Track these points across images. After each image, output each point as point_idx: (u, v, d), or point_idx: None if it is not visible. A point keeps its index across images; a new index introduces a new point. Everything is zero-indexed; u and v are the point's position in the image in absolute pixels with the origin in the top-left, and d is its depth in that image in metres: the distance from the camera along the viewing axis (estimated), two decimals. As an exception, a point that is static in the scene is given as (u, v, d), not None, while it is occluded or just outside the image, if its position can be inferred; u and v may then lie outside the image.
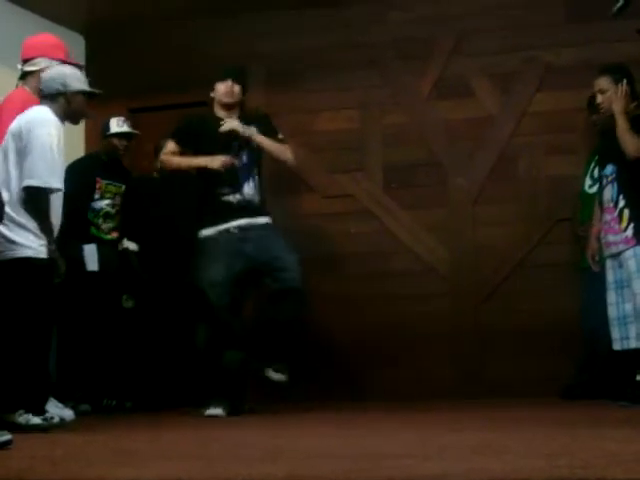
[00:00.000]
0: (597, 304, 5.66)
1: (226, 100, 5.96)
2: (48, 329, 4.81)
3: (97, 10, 7.31)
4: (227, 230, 5.76)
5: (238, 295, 5.76)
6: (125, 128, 6.69)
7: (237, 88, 5.97)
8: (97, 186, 6.57)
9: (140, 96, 7.53)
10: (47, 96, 4.90)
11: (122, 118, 6.73)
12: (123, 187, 6.71)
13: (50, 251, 4.70)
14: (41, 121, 4.76)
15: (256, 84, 7.22)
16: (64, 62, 5.55)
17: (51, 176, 4.70)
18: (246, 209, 5.82)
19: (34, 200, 4.68)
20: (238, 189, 5.81)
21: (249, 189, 5.84)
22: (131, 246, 6.72)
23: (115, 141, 6.66)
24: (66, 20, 7.32)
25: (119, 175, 6.72)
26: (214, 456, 3.21)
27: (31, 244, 4.66)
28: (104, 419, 5.72)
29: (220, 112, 6.00)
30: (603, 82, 5.53)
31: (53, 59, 5.48)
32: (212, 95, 6.05)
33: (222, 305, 5.64)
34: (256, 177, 5.91)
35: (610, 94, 5.50)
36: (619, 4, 5.16)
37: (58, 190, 4.77)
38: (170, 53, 7.53)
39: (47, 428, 4.45)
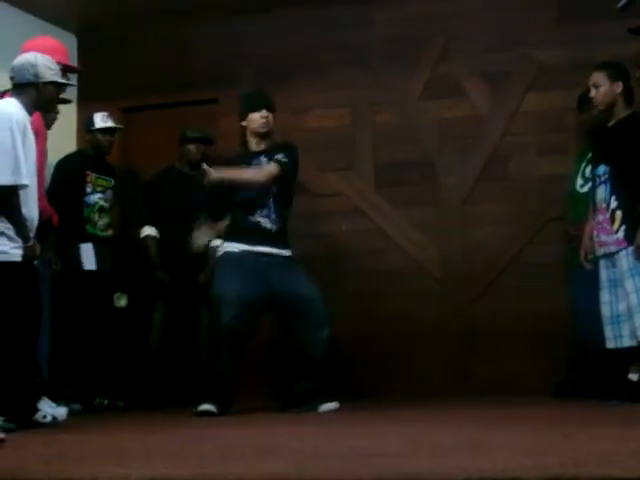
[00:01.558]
0: (588, 303, 5.68)
1: (263, 130, 5.92)
2: (29, 333, 4.72)
3: (89, 10, 7.30)
4: (252, 252, 5.70)
5: (249, 322, 5.62)
6: (109, 123, 6.71)
7: (271, 117, 5.94)
8: (87, 179, 6.57)
9: (132, 95, 7.53)
10: (17, 85, 4.81)
11: (106, 113, 6.74)
12: (113, 181, 6.73)
13: (27, 250, 4.63)
14: (1, 116, 4.64)
15: (245, 84, 7.23)
16: (64, 66, 5.55)
17: (16, 173, 4.57)
18: (270, 236, 5.77)
19: (2, 199, 4.59)
20: (252, 214, 5.77)
21: (264, 215, 5.79)
22: (152, 232, 6.71)
23: (99, 136, 6.68)
24: (59, 19, 7.32)
25: (107, 170, 6.74)
26: (206, 455, 3.22)
27: (2, 248, 4.58)
28: (96, 418, 5.72)
29: (253, 141, 5.94)
30: (598, 77, 5.55)
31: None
32: (244, 124, 5.96)
33: (228, 326, 5.48)
34: (282, 207, 5.88)
35: (605, 89, 5.52)
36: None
37: (24, 186, 4.62)
38: (161, 53, 7.55)
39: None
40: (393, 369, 6.83)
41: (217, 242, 6.12)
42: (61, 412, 5.23)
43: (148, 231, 6.75)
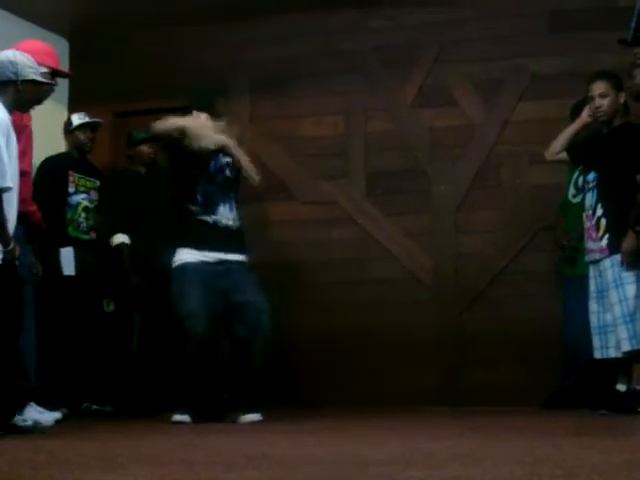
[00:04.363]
0: (579, 312, 5.69)
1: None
2: (11, 335, 4.67)
3: (81, 14, 7.29)
4: (208, 262, 5.63)
5: (214, 331, 5.64)
6: (86, 119, 6.67)
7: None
8: (70, 179, 6.54)
9: (124, 100, 7.51)
10: None
11: (82, 113, 6.71)
12: (97, 183, 6.70)
13: (8, 254, 4.57)
14: None
15: (240, 91, 7.23)
16: (54, 70, 5.53)
17: (0, 176, 4.50)
18: (230, 236, 5.71)
19: None
20: (212, 210, 5.70)
21: (225, 212, 5.74)
22: (123, 239, 6.68)
23: (80, 135, 6.64)
24: (50, 23, 7.30)
25: (91, 170, 6.71)
26: (195, 461, 3.20)
27: None
28: (85, 424, 5.70)
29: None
30: (604, 86, 5.56)
31: (42, 65, 5.46)
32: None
33: (197, 338, 5.49)
34: (233, 202, 5.80)
35: (611, 99, 5.53)
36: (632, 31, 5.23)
37: (8, 189, 4.54)
38: (154, 58, 7.52)
39: None
40: (384, 378, 6.82)
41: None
42: (48, 418, 5.22)
43: (121, 239, 6.69)
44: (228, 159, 5.82)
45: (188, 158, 5.70)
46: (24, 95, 4.79)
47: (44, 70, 5.25)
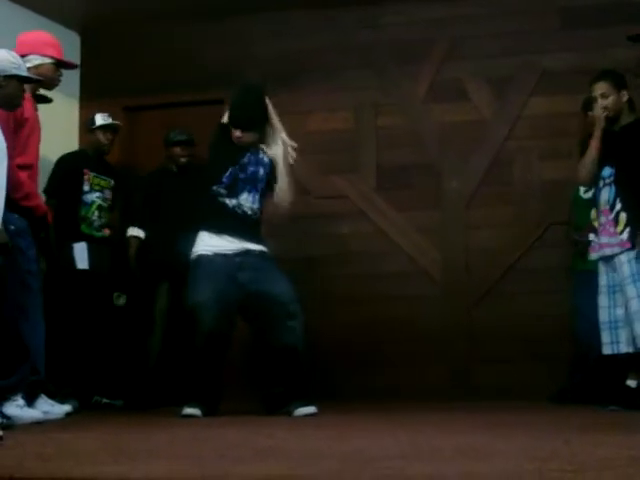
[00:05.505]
0: (589, 308, 5.68)
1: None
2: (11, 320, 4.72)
3: (93, 9, 7.31)
4: (225, 254, 5.57)
5: (227, 324, 5.53)
6: (110, 121, 6.71)
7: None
8: (85, 177, 6.56)
9: (135, 95, 7.53)
10: None
11: (106, 113, 6.75)
12: (112, 182, 6.73)
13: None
14: None
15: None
16: (57, 60, 5.55)
17: None
18: (248, 224, 5.67)
19: None
20: (235, 195, 5.65)
21: (247, 200, 5.68)
22: (135, 232, 6.73)
23: (100, 135, 6.68)
24: (62, 18, 7.31)
25: (106, 170, 6.74)
26: (205, 455, 3.21)
27: None
28: (95, 417, 5.71)
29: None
30: (605, 87, 5.55)
31: (45, 56, 5.48)
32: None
33: (205, 330, 5.41)
34: (258, 195, 5.72)
35: (614, 98, 5.52)
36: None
37: None
38: (165, 53, 7.53)
39: None
40: (394, 372, 6.82)
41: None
42: (59, 410, 5.23)
43: (135, 232, 6.76)
44: (267, 160, 5.76)
45: (229, 142, 5.70)
46: (7, 91, 4.78)
47: (35, 64, 5.27)
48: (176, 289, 6.59)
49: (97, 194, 6.62)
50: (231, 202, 5.64)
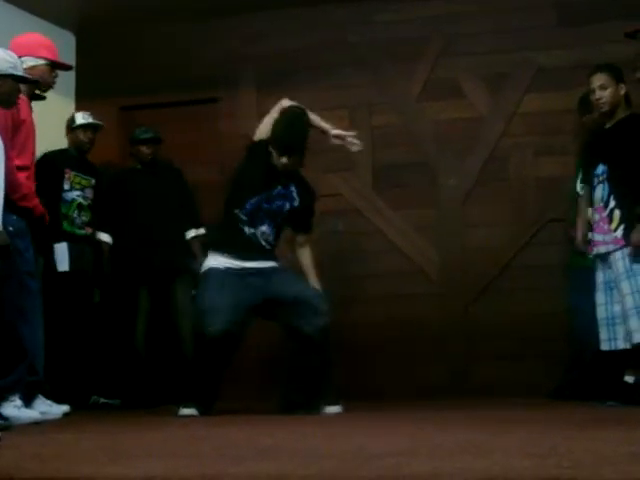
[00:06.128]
0: (586, 304, 5.68)
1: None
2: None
3: (88, 8, 7.30)
4: (237, 269, 5.50)
5: (237, 329, 5.44)
6: (90, 120, 6.70)
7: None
8: (66, 176, 6.56)
9: (131, 95, 7.53)
10: None
11: (87, 112, 6.76)
12: (93, 180, 6.72)
13: None
14: None
15: (246, 85, 7.22)
16: (51, 61, 5.54)
17: None
18: (261, 252, 5.59)
19: None
20: (254, 224, 5.56)
21: (265, 232, 5.60)
22: (104, 238, 6.73)
23: (80, 134, 6.68)
24: (57, 18, 7.32)
25: (87, 169, 6.73)
26: (203, 454, 3.20)
27: None
28: (92, 417, 5.71)
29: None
30: (604, 78, 5.55)
31: (39, 58, 5.47)
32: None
33: (213, 333, 5.32)
34: (275, 230, 5.65)
35: (611, 91, 5.52)
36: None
37: None
38: (161, 53, 7.54)
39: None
40: (392, 370, 6.82)
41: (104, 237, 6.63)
42: (57, 411, 5.23)
43: (102, 237, 6.75)
44: (296, 196, 5.70)
45: (263, 165, 5.61)
46: (2, 89, 4.78)
47: (30, 66, 5.27)
48: (155, 293, 6.63)
49: (77, 192, 6.60)
50: (249, 230, 5.57)
